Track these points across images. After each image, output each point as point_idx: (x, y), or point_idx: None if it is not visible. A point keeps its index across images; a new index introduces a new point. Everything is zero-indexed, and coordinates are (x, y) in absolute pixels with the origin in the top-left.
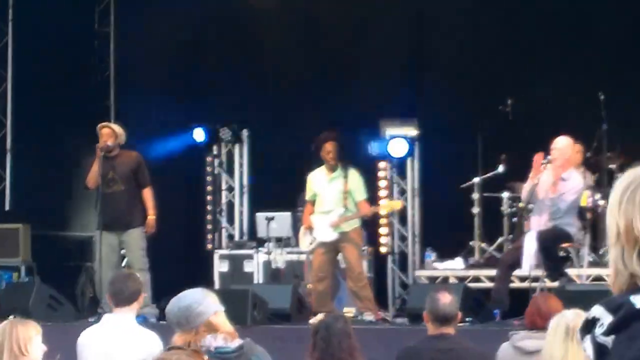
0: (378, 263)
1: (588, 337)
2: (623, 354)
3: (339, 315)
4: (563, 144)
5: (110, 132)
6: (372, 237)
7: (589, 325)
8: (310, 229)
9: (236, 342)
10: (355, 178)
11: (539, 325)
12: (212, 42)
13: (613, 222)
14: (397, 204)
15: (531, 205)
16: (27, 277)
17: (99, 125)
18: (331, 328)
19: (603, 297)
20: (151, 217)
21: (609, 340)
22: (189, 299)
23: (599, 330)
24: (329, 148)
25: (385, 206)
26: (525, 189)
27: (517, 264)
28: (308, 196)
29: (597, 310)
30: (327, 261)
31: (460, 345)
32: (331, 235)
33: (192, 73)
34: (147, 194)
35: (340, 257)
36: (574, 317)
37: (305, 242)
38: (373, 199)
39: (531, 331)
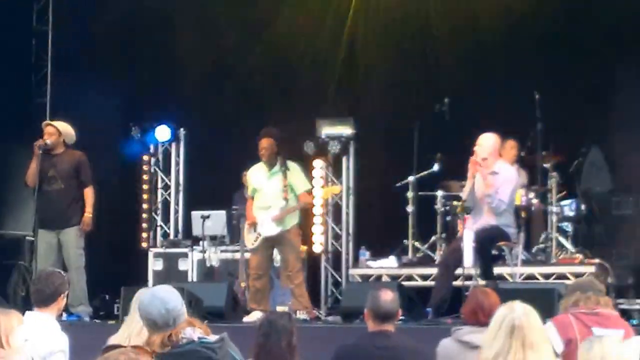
0: (311, 262)
1: None
2: None
3: (284, 312)
4: (485, 140)
5: (53, 131)
6: (306, 236)
7: None
8: (254, 225)
9: (214, 336)
10: (295, 172)
11: (482, 321)
12: (150, 41)
13: None
14: (336, 189)
15: (469, 203)
16: None
17: (44, 123)
18: (273, 324)
19: (535, 295)
20: (88, 214)
21: None
22: (172, 301)
23: None
24: (263, 145)
25: (325, 193)
26: (465, 190)
27: (458, 264)
28: (249, 192)
29: None
30: (266, 259)
31: (400, 342)
32: (274, 230)
33: (130, 72)
34: (88, 193)
35: (274, 255)
36: (522, 314)
37: (250, 239)
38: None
39: (474, 327)
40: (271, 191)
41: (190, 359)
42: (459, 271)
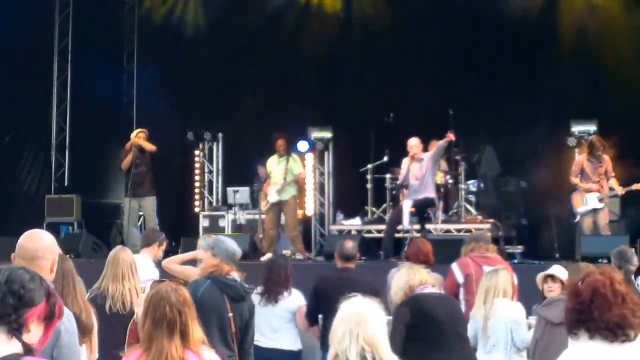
0: (305, 220)
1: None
2: None
3: (282, 254)
4: (416, 142)
5: (144, 136)
6: (302, 204)
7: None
8: (265, 195)
9: (250, 286)
10: (295, 160)
11: (421, 260)
12: (201, 70)
13: None
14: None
15: (406, 182)
16: (78, 229)
17: (138, 130)
18: (275, 261)
19: (450, 243)
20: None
21: None
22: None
23: None
24: (280, 143)
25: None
26: (402, 173)
27: (399, 221)
28: (268, 173)
29: None
30: (275, 218)
31: (357, 275)
32: (275, 198)
33: (188, 93)
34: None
35: (282, 217)
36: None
37: (263, 204)
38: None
39: (415, 264)
40: (278, 173)
41: (231, 290)
42: (400, 227)
